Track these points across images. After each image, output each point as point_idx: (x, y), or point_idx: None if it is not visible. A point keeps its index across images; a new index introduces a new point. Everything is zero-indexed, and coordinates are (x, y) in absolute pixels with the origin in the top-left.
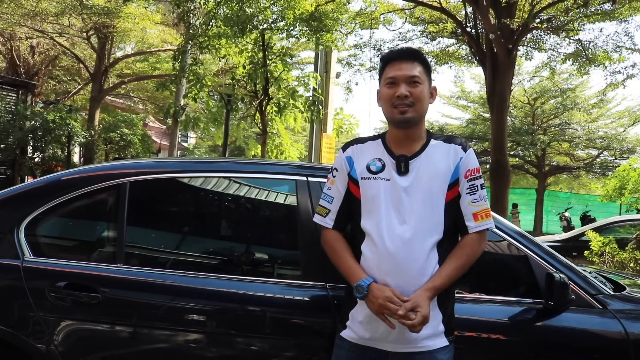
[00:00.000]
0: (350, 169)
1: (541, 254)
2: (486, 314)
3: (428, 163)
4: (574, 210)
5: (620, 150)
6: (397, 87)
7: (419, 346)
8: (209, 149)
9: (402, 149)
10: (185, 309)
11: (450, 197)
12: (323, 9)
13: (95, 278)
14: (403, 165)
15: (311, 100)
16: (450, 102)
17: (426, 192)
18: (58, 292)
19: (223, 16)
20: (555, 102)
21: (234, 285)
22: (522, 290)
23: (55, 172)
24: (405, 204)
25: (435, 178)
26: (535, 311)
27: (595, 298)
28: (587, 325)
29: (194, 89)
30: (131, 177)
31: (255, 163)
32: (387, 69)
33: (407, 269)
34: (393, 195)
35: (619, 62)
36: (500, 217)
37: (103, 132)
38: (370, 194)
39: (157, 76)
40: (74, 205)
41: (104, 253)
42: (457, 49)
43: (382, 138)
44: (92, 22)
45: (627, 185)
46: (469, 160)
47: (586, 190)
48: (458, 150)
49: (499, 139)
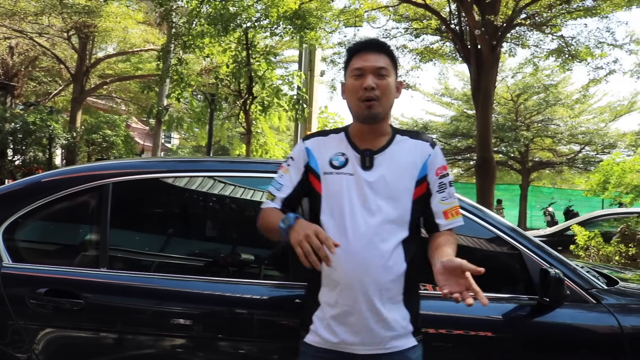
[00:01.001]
0: (310, 160)
1: (534, 249)
2: (478, 311)
3: (394, 159)
4: (557, 205)
5: (602, 145)
6: (364, 79)
7: (388, 347)
8: (193, 149)
9: (367, 143)
10: (171, 314)
11: (418, 194)
12: (307, 6)
13: (77, 283)
14: (368, 159)
15: (295, 99)
16: (434, 99)
17: (392, 188)
18: (38, 299)
19: (206, 15)
20: (538, 99)
21: (221, 287)
22: (515, 286)
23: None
24: (370, 200)
25: (401, 174)
26: (530, 307)
27: (589, 293)
28: (582, 321)
29: (177, 89)
30: (114, 178)
31: (241, 162)
32: (353, 60)
33: (373, 267)
34: (357, 191)
35: (600, 57)
36: (490, 212)
37: (85, 133)
38: (333, 189)
39: (139, 76)
40: (55, 208)
41: (87, 257)
42: (441, 46)
43: (345, 132)
44: (73, 22)
45: (611, 179)
46: (437, 157)
47: (569, 185)
48: (426, 147)
49: (484, 135)
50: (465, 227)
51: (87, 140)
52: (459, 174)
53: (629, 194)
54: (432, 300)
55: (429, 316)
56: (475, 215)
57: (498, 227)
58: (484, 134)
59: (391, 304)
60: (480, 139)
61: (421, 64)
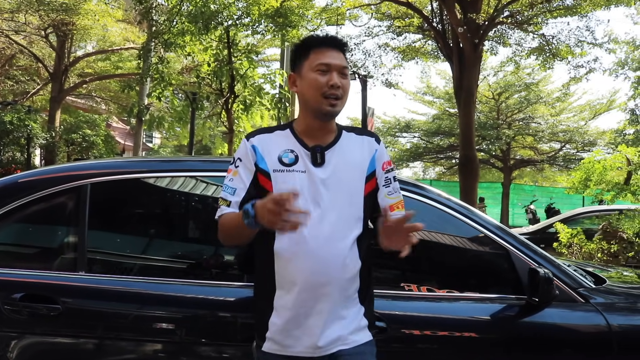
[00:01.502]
0: (257, 158)
1: (522, 248)
2: (465, 312)
3: (343, 155)
4: (539, 203)
5: (582, 143)
6: (330, 76)
7: (347, 342)
8: (175, 148)
9: (315, 140)
10: (153, 318)
11: (368, 189)
12: (288, 4)
13: (54, 288)
14: (319, 156)
15: (278, 97)
16: (416, 97)
17: (345, 184)
18: (13, 305)
19: (187, 12)
20: (519, 97)
21: (203, 290)
22: (503, 286)
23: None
24: (325, 198)
25: (353, 170)
26: (518, 307)
27: (578, 292)
28: (571, 320)
29: (158, 88)
30: (92, 178)
31: (222, 161)
32: (315, 54)
33: (331, 266)
34: (311, 188)
35: (581, 56)
36: (477, 211)
37: (64, 133)
38: (286, 187)
39: (119, 75)
40: (31, 209)
41: (64, 260)
42: (424, 45)
43: (290, 128)
44: (50, 19)
45: (592, 177)
46: (382, 152)
47: (550, 182)
48: (372, 142)
49: (467, 134)
50: (452, 226)
51: (67, 140)
52: (441, 172)
53: (610, 191)
54: (417, 301)
55: (413, 317)
56: (461, 214)
57: (485, 226)
58: (466, 132)
59: (349, 302)
60: (463, 137)
61: (403, 62)
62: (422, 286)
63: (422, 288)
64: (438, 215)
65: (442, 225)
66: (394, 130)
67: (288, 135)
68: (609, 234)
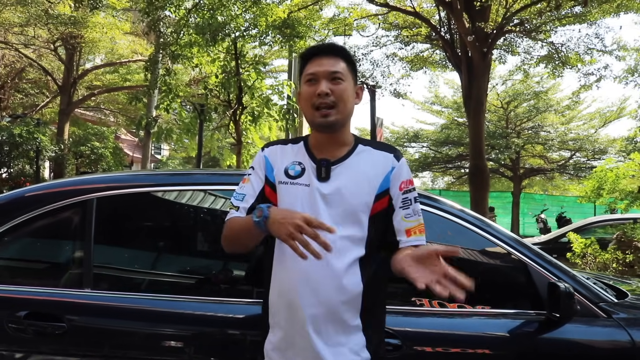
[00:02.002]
0: (267, 169)
1: (539, 261)
2: (480, 328)
3: (353, 170)
4: (550, 212)
5: (593, 151)
6: (318, 84)
7: None
8: (183, 160)
9: (325, 153)
10: (161, 336)
11: (377, 209)
12: (296, 15)
13: (59, 305)
14: (324, 170)
15: (286, 108)
16: (424, 107)
17: (348, 202)
18: (18, 323)
19: (194, 24)
20: (528, 106)
21: (213, 307)
22: (521, 301)
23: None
24: (324, 215)
25: (360, 187)
26: (537, 323)
27: (599, 307)
28: (593, 336)
29: (166, 100)
30: (98, 192)
31: (231, 174)
32: (307, 66)
33: (324, 287)
34: (311, 203)
35: (590, 64)
36: (494, 223)
37: (73, 145)
38: (288, 201)
39: (128, 87)
40: (36, 225)
41: (70, 277)
42: (432, 54)
43: (304, 141)
44: (59, 33)
45: (605, 185)
46: (402, 170)
47: (560, 191)
48: (389, 159)
49: (477, 143)
50: (467, 239)
51: (75, 153)
52: (450, 182)
53: (623, 199)
54: (432, 317)
55: (429, 334)
56: (476, 226)
57: (501, 239)
58: (476, 142)
59: (346, 328)
60: (473, 147)
61: (411, 72)
62: (434, 300)
63: (434, 302)
64: (452, 228)
65: (456, 238)
66: (402, 140)
67: (300, 148)
68: (623, 243)
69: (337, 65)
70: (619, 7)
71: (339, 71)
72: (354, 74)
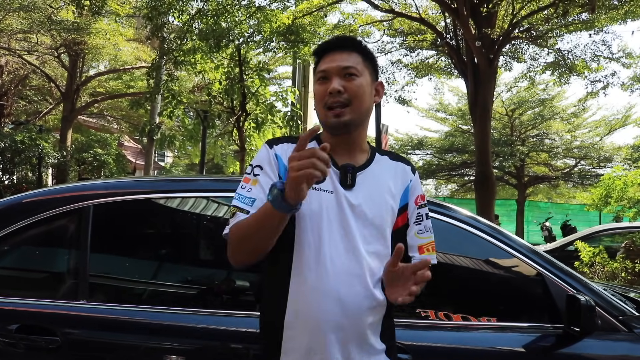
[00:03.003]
0: (280, 169)
1: (557, 272)
2: (495, 342)
3: (377, 180)
4: (554, 220)
5: (598, 159)
6: (330, 82)
7: None
8: (186, 167)
9: (344, 158)
10: (160, 350)
11: (399, 224)
12: (300, 22)
13: (53, 318)
14: (350, 176)
15: (290, 115)
16: (429, 115)
17: (376, 216)
18: (9, 337)
19: (198, 30)
20: (532, 113)
21: (215, 320)
22: (537, 314)
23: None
24: (353, 226)
25: (385, 200)
26: (555, 337)
27: (620, 320)
28: (614, 351)
29: (169, 107)
30: (95, 199)
31: (232, 180)
32: (319, 63)
33: (356, 307)
34: (339, 213)
35: (597, 71)
36: (509, 233)
37: (76, 152)
38: (310, 208)
39: (131, 94)
40: (29, 233)
41: (64, 288)
42: (437, 61)
43: (316, 141)
44: (62, 39)
45: (613, 193)
46: (417, 184)
47: (565, 199)
48: (407, 171)
49: (483, 150)
50: (482, 249)
51: (78, 159)
52: (454, 190)
53: (631, 208)
54: (441, 330)
55: (441, 349)
56: (492, 236)
57: (518, 250)
58: (482, 149)
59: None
60: (479, 154)
61: (416, 79)
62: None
63: (440, 314)
64: (465, 237)
65: (468, 247)
66: (406, 147)
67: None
68: (632, 252)
69: (350, 60)
70: (627, 14)
71: (352, 66)
72: (373, 69)
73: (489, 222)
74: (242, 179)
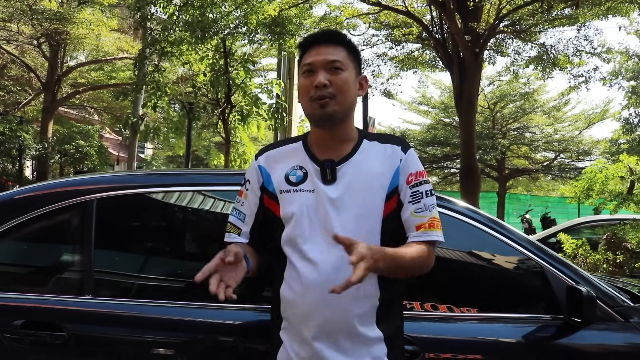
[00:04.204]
0: (264, 180)
1: (556, 264)
2: (495, 333)
3: (361, 169)
4: (534, 212)
5: (577, 152)
6: (315, 75)
7: None
8: (167, 159)
9: (328, 152)
10: (168, 345)
11: (389, 209)
12: (286, 13)
13: (59, 313)
14: (329, 172)
15: (275, 107)
16: (411, 107)
17: (359, 205)
18: (14, 333)
19: (184, 21)
20: (514, 106)
21: (224, 314)
22: (536, 305)
23: (7, 187)
24: (334, 221)
25: (369, 187)
26: (555, 328)
27: (616, 310)
28: (612, 340)
29: (153, 98)
30: (98, 193)
31: (237, 174)
32: (305, 56)
33: (337, 301)
34: (318, 210)
35: (579, 65)
36: (509, 226)
37: (57, 144)
38: (291, 210)
39: (113, 85)
40: (32, 227)
41: (69, 283)
42: (422, 54)
43: (303, 141)
44: (43, 29)
45: (594, 186)
46: (410, 162)
47: (544, 192)
48: (396, 151)
49: (468, 144)
50: (482, 241)
51: (60, 151)
52: (435, 183)
53: (612, 201)
54: (445, 322)
55: (445, 340)
56: (492, 228)
57: (518, 242)
58: (467, 142)
59: (363, 341)
60: (464, 147)
61: (401, 72)
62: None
63: (441, 307)
64: (466, 230)
65: (470, 241)
66: None
67: (299, 149)
68: (613, 244)
69: (336, 54)
70: (609, 9)
71: (338, 60)
72: (357, 63)
73: (489, 215)
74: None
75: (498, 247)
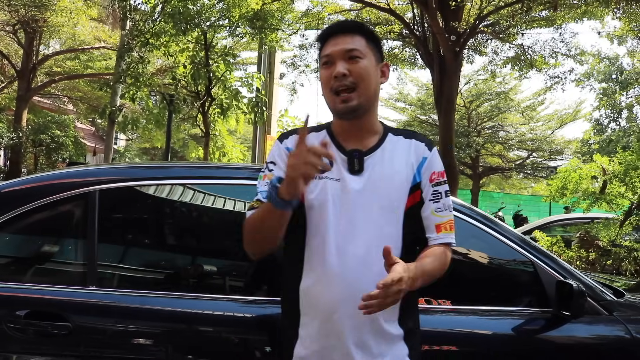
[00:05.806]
0: None
1: (546, 260)
2: (486, 326)
3: (386, 162)
4: (507, 210)
5: (549, 151)
6: (334, 66)
7: None
8: (141, 151)
9: (354, 143)
10: (172, 336)
11: (410, 204)
12: (268, 7)
13: (64, 304)
14: (357, 162)
15: (255, 101)
16: (388, 104)
17: (384, 197)
18: (18, 323)
19: (166, 13)
20: (489, 105)
21: (227, 306)
22: (526, 298)
23: None
24: (359, 212)
25: (394, 180)
26: (544, 320)
27: (601, 304)
28: (597, 332)
29: (132, 89)
30: (101, 185)
31: (245, 168)
32: (323, 48)
33: (361, 293)
34: (344, 200)
35: (555, 67)
36: (501, 222)
37: (32, 133)
38: (316, 198)
39: (90, 75)
40: (35, 218)
41: (73, 274)
42: (402, 51)
43: (327, 129)
44: (20, 15)
45: (569, 185)
46: (434, 161)
47: (516, 190)
48: (421, 149)
49: (447, 141)
50: (474, 236)
51: (34, 141)
52: None
53: (585, 199)
54: (434, 314)
55: (429, 332)
56: (484, 224)
57: (509, 237)
58: (446, 140)
59: (385, 338)
60: (443, 145)
61: None
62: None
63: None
64: (458, 225)
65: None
66: None
67: (323, 137)
68: (586, 242)
69: (353, 42)
70: (584, 13)
71: (356, 48)
72: (377, 50)
73: (480, 210)
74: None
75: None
